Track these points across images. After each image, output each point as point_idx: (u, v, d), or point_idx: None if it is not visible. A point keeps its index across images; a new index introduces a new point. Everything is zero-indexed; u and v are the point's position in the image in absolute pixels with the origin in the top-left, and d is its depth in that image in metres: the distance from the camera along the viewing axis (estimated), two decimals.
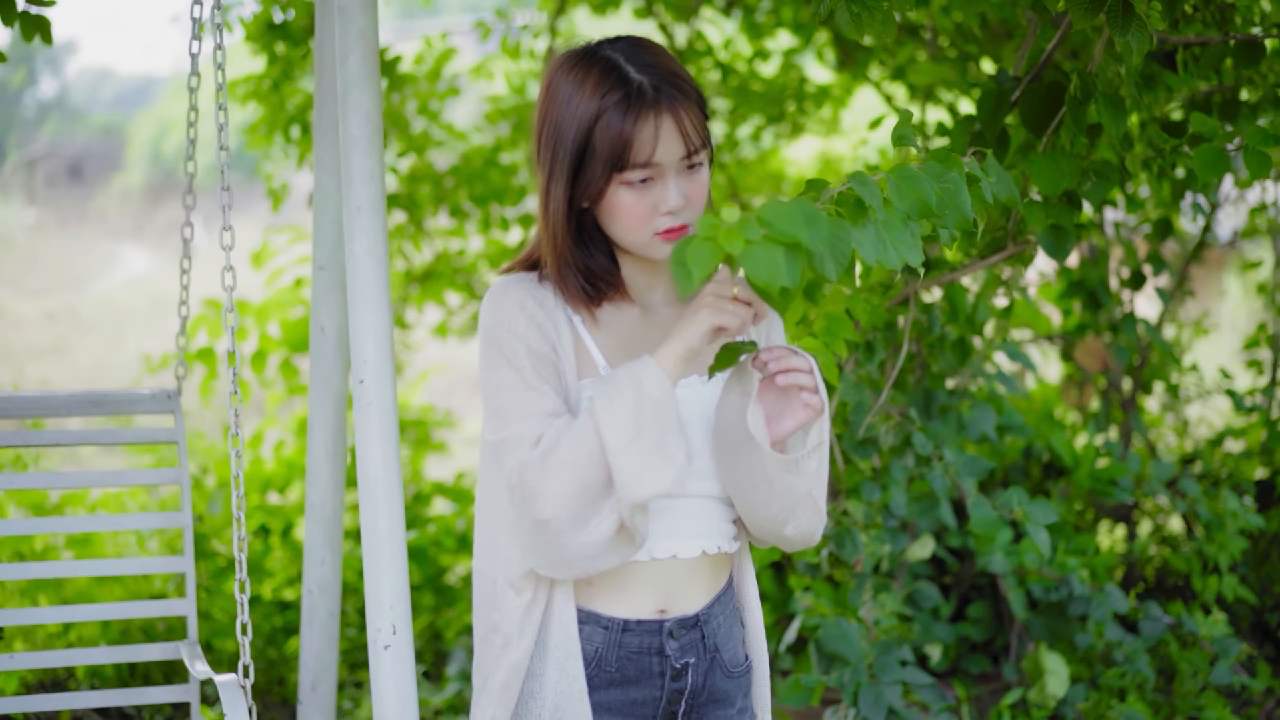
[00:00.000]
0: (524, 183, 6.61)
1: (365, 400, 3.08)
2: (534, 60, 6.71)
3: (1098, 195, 3.46)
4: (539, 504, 2.33)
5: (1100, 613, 4.44)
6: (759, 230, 2.06)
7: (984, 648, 4.94)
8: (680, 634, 2.58)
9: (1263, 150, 3.20)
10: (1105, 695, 4.38)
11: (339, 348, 3.70)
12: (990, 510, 3.71)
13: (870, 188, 2.29)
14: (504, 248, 6.81)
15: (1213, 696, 4.53)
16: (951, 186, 2.50)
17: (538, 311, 2.50)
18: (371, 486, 3.08)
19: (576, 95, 2.44)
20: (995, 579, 4.70)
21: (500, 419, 2.44)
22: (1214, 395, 6.39)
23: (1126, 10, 2.92)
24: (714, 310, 2.32)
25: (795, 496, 2.50)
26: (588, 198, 2.46)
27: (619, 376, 2.34)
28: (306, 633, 3.80)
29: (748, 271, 2.05)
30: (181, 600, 3.71)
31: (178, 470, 3.73)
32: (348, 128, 3.11)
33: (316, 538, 3.77)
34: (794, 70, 6.68)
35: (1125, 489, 4.82)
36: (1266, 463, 5.98)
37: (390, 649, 3.06)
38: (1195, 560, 4.91)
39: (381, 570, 3.08)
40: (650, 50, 2.48)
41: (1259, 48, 3.54)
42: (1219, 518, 4.78)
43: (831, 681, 3.92)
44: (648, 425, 2.31)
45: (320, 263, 3.67)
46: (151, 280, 21.31)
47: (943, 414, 4.23)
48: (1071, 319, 5.83)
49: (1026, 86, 3.49)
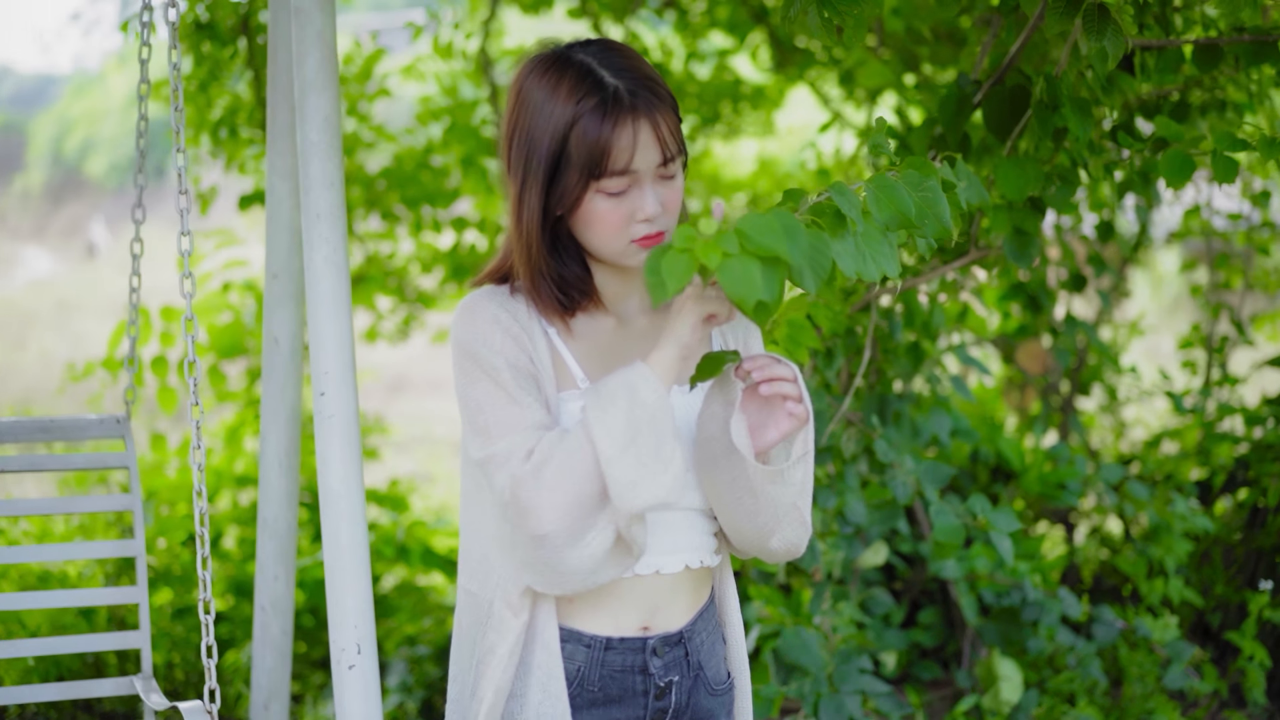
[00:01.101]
0: (456, 185, 6.53)
1: (326, 413, 3.00)
2: (465, 60, 6.62)
3: (1061, 200, 3.44)
4: (534, 519, 2.26)
5: (1051, 618, 4.43)
6: (736, 243, 2.02)
7: (934, 654, 4.92)
8: (664, 651, 2.51)
9: (1230, 155, 3.20)
10: (1055, 700, 4.37)
11: (293, 359, 3.61)
12: (953, 518, 3.68)
13: (849, 198, 2.25)
14: (436, 251, 6.73)
15: (1162, 700, 4.53)
16: (930, 195, 2.45)
17: (512, 324, 2.43)
18: (333, 502, 3.00)
19: (550, 101, 2.37)
20: (945, 584, 4.68)
21: (486, 435, 2.36)
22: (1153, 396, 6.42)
23: (1102, 15, 2.90)
24: (699, 300, 2.26)
25: (780, 508, 2.45)
26: (563, 206, 2.39)
27: (611, 383, 2.28)
28: (259, 650, 3.70)
29: (724, 285, 2.01)
30: (135, 632, 3.58)
31: (130, 497, 3.61)
32: (306, 133, 3.03)
33: (269, 553, 3.67)
34: (728, 72, 6.64)
35: (1074, 492, 4.81)
36: (1203, 463, 6.00)
37: (355, 668, 2.98)
38: (1141, 562, 4.91)
39: (345, 588, 3.00)
40: (622, 54, 2.42)
41: (1217, 51, 3.54)
42: (1167, 521, 4.79)
43: (791, 692, 3.88)
44: (642, 432, 2.25)
45: (273, 271, 3.57)
46: (53, 282, 21.01)
47: (896, 420, 4.21)
48: (1011, 321, 5.82)
49: (990, 90, 3.47)
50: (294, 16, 3.05)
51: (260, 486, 3.66)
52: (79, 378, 6.09)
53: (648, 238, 2.39)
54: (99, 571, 5.29)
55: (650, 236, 2.39)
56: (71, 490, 6.22)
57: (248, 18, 5.47)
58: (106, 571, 5.27)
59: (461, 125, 6.47)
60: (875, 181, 2.35)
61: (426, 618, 6.03)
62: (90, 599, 3.63)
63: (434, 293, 6.98)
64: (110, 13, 28.33)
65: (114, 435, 3.69)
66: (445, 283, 6.83)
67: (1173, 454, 6.17)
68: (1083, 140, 3.25)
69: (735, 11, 6.05)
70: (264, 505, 3.67)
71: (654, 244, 2.39)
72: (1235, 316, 6.34)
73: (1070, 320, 5.50)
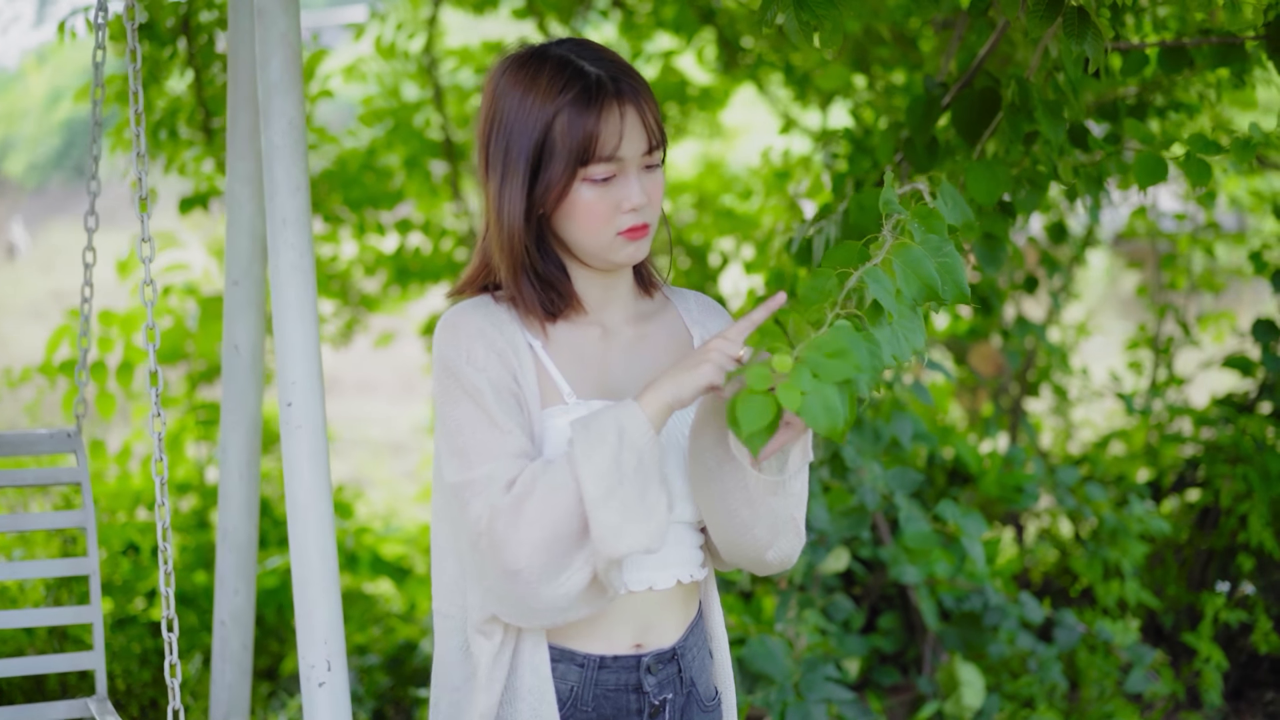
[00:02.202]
0: (400, 187, 6.45)
1: (294, 423, 2.93)
2: (408, 61, 6.53)
3: (1032, 204, 3.42)
4: (509, 553, 2.20)
5: (1011, 622, 4.41)
6: (810, 379, 2.01)
7: (894, 659, 4.89)
8: (658, 669, 2.46)
9: (1204, 158, 3.18)
10: (1014, 705, 4.36)
11: (254, 367, 3.52)
12: (924, 524, 3.65)
13: (883, 283, 2.19)
14: (380, 254, 6.64)
15: (1120, 703, 4.53)
16: (949, 261, 2.39)
17: (498, 338, 2.37)
18: (301, 514, 2.93)
19: (529, 95, 2.33)
20: (905, 589, 4.65)
21: (464, 459, 2.29)
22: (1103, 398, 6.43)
23: (1082, 19, 2.87)
24: (717, 368, 2.20)
25: (779, 520, 2.38)
26: (546, 201, 2.35)
27: (601, 421, 2.21)
28: (218, 665, 3.61)
29: (807, 420, 2.00)
30: (89, 653, 3.48)
31: (82, 513, 3.51)
32: (270, 137, 2.95)
33: (230, 566, 3.58)
34: (673, 73, 6.59)
35: (1032, 495, 4.80)
36: (1150, 464, 6.02)
37: (325, 686, 2.91)
38: (1096, 565, 4.91)
39: (314, 602, 2.93)
40: (597, 47, 2.39)
41: (1183, 53, 3.53)
42: (1125, 523, 4.79)
43: (757, 701, 3.84)
44: (629, 477, 2.18)
45: (234, 277, 3.48)
46: None
47: (858, 424, 4.18)
48: (961, 323, 5.82)
49: (958, 93, 3.44)
50: (257, 18, 2.98)
51: (220, 497, 3.56)
52: (15, 384, 5.98)
53: (633, 229, 2.35)
54: (39, 586, 5.17)
55: (636, 229, 2.35)
56: (11, 504, 6.08)
57: (188, 18, 5.36)
58: (48, 585, 5.15)
59: (405, 127, 6.39)
60: (901, 255, 2.27)
61: (376, 626, 5.95)
62: (44, 619, 3.54)
63: (377, 296, 6.90)
64: (29, 11, 27.91)
65: (66, 450, 3.59)
66: (389, 285, 6.75)
67: (1120, 455, 6.18)
68: (1055, 143, 3.23)
69: (682, 11, 6.00)
70: (224, 516, 3.58)
71: (639, 236, 2.36)
72: (1180, 317, 6.37)
73: (1021, 322, 5.50)
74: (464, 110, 6.57)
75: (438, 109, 6.48)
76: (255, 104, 3.34)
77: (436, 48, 6.48)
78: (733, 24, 6.00)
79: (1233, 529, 5.25)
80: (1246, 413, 5.42)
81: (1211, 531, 5.36)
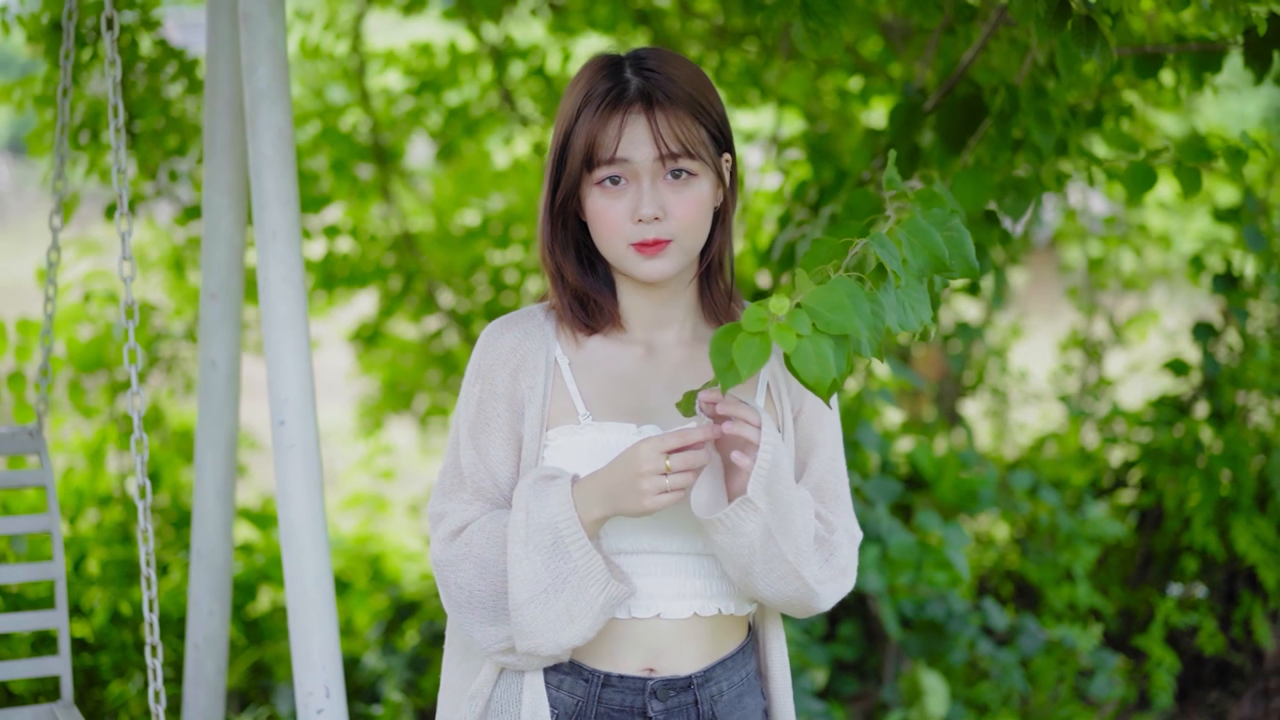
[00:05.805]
0: (326, 191, 6.31)
1: (286, 443, 2.85)
2: (334, 63, 6.40)
3: (1017, 210, 3.39)
4: (447, 596, 2.33)
5: (972, 629, 4.41)
6: (809, 324, 1.97)
7: (854, 667, 4.87)
8: (666, 696, 2.38)
9: (1194, 166, 3.19)
10: (971, 711, 4.35)
11: (231, 383, 3.42)
12: (908, 535, 3.63)
13: (889, 249, 2.17)
14: (306, 260, 6.49)
15: (1076, 706, 4.55)
16: (955, 235, 2.39)
17: (513, 356, 2.38)
18: (295, 536, 2.85)
19: (569, 94, 2.34)
20: (864, 597, 4.63)
21: (439, 484, 2.41)
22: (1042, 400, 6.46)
23: (1090, 28, 2.85)
24: (654, 499, 2.18)
25: (738, 561, 2.27)
26: (566, 204, 2.34)
27: (540, 521, 2.22)
28: (191, 691, 3.49)
29: (797, 367, 1.97)
30: (54, 659, 3.36)
31: (47, 517, 3.38)
32: (259, 147, 2.87)
33: (204, 588, 3.46)
34: None
35: (988, 500, 4.79)
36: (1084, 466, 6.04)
37: (324, 713, 2.83)
38: (1048, 568, 4.92)
39: (310, 627, 2.85)
40: (659, 58, 2.34)
41: (1158, 60, 3.54)
42: (1078, 527, 4.80)
43: None
44: (557, 586, 2.23)
45: (211, 290, 3.36)
46: None
47: None
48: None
49: (941, 99, 3.42)
50: (243, 23, 2.89)
51: (195, 517, 3.45)
52: None
53: (644, 244, 2.30)
54: None
55: (648, 243, 2.30)
56: None
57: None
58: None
59: (332, 130, 6.26)
60: (908, 226, 2.26)
61: None
62: (10, 625, 3.42)
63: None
64: None
65: (27, 451, 3.46)
66: (315, 290, 6.60)
67: (1053, 457, 6.20)
68: (1046, 150, 3.22)
69: (614, 12, 5.92)
70: (199, 537, 3.46)
71: (652, 252, 2.30)
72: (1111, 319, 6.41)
73: (962, 326, 5.50)
74: (391, 113, 6.45)
75: (365, 111, 6.36)
76: (235, 112, 3.24)
77: (363, 49, 6.36)
78: (664, 25, 5.93)
79: (1175, 531, 5.28)
80: (1184, 414, 5.46)
81: (1153, 533, 5.39)
